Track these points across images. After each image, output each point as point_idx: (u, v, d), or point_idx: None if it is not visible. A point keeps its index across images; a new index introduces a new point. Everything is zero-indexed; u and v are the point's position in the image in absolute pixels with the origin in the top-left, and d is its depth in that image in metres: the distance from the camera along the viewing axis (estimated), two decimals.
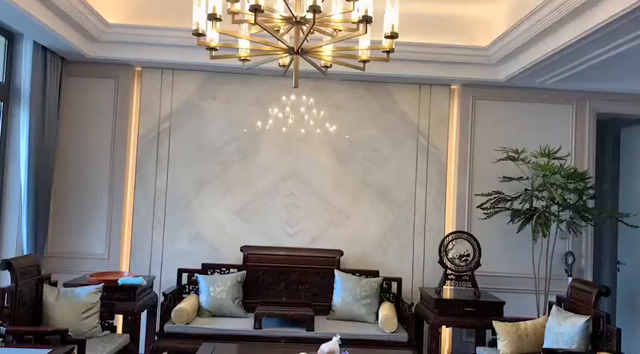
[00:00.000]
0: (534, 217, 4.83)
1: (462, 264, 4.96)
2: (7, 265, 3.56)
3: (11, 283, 3.56)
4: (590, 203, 5.16)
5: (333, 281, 5.02)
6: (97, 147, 5.30)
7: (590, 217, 4.93)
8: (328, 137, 5.41)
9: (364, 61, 3.12)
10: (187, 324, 4.51)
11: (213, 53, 2.95)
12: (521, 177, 5.06)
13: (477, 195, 5.23)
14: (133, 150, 5.37)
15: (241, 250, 5.19)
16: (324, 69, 3.33)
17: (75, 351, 3.24)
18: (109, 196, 5.27)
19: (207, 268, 5.10)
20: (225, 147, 5.40)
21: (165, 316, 4.54)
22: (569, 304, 4.02)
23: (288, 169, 5.42)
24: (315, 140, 5.42)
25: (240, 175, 5.39)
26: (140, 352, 4.68)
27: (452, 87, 5.52)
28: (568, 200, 4.95)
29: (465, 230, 5.22)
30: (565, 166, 4.96)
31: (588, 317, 3.67)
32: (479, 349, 4.23)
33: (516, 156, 5.04)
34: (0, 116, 4.76)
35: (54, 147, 5.01)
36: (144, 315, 4.76)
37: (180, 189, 5.35)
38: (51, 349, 3.04)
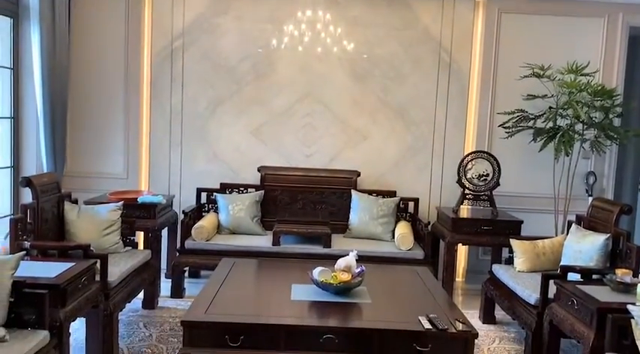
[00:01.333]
0: (557, 136, 4.70)
1: (481, 184, 4.92)
2: (28, 182, 3.58)
3: (32, 200, 3.60)
4: (617, 121, 5.00)
5: (350, 201, 5.03)
6: (110, 65, 5.21)
7: (615, 135, 4.79)
8: (345, 55, 5.21)
9: None
10: (207, 241, 4.59)
11: None
12: (546, 95, 4.88)
13: (499, 113, 5.09)
14: (147, 68, 5.26)
15: (258, 171, 5.19)
16: None
17: (97, 265, 3.32)
18: (125, 115, 5.25)
19: (226, 188, 5.14)
20: (240, 65, 5.26)
21: (186, 234, 4.62)
22: (589, 222, 3.98)
23: (305, 88, 5.29)
24: (332, 58, 5.23)
25: (255, 94, 5.29)
26: (162, 267, 4.82)
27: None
28: (593, 118, 4.79)
29: (485, 150, 5.13)
30: (592, 83, 4.76)
31: (608, 235, 3.63)
32: (495, 266, 4.25)
33: (542, 73, 4.84)
34: (11, 33, 4.67)
35: (66, 65, 4.93)
36: (164, 233, 4.86)
37: (195, 108, 5.29)
38: (74, 263, 3.11)
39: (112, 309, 3.38)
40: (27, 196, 3.95)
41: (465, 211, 4.99)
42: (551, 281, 3.42)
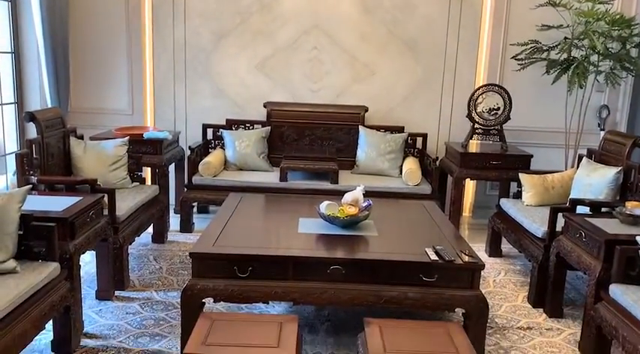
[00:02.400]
0: (572, 68, 4.56)
1: (491, 118, 4.83)
2: (31, 117, 3.54)
3: (37, 135, 3.58)
4: (634, 52, 4.83)
5: (358, 137, 4.97)
6: None
7: (631, 67, 4.63)
8: None
9: None
10: (214, 177, 4.59)
11: None
12: (561, 25, 4.69)
13: (511, 45, 4.91)
14: (148, 0, 5.09)
15: (264, 106, 5.11)
16: None
17: (105, 200, 3.33)
18: (127, 50, 5.13)
19: (232, 124, 5.08)
20: None
21: (193, 170, 4.62)
22: (600, 156, 3.92)
23: (311, 20, 5.11)
24: None
25: (259, 27, 5.13)
26: (171, 204, 4.86)
27: None
28: (610, 49, 4.63)
29: (497, 83, 5.00)
30: (610, 12, 4.56)
31: (620, 168, 3.58)
32: (502, 200, 4.23)
33: (557, 1, 4.63)
34: None
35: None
36: (172, 169, 4.86)
37: (198, 42, 5.14)
38: (82, 197, 3.12)
39: (122, 242, 3.43)
40: (32, 132, 3.92)
41: (474, 145, 4.93)
42: (560, 214, 3.40)
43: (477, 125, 4.85)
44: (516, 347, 3.05)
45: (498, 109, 4.81)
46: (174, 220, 4.71)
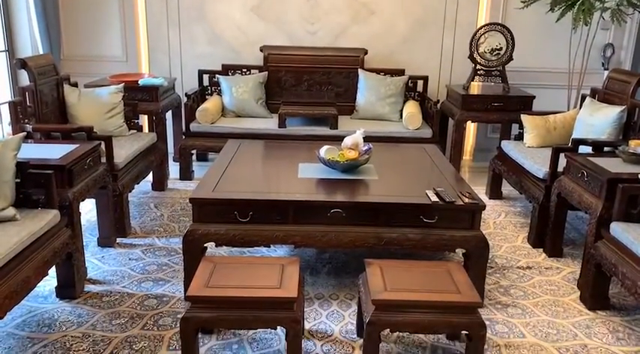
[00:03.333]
0: (577, 4, 4.41)
1: (493, 58, 4.72)
2: (23, 63, 3.46)
3: (30, 82, 3.50)
4: None
5: (357, 81, 4.88)
6: None
7: (638, 3, 4.48)
8: None
9: None
10: (212, 124, 4.53)
11: None
12: None
13: None
14: None
15: (261, 51, 4.99)
16: None
17: (102, 147, 3.29)
18: None
19: (228, 69, 4.98)
20: None
21: (190, 117, 4.55)
22: (604, 95, 3.85)
23: None
24: None
25: None
26: (170, 152, 4.82)
27: None
28: None
29: (499, 22, 4.86)
30: None
31: (624, 107, 3.52)
32: (504, 142, 4.19)
33: None
34: None
35: None
36: (169, 116, 4.79)
37: None
38: (78, 145, 3.08)
39: (121, 190, 3.42)
40: (25, 80, 3.84)
41: (475, 87, 4.85)
42: (561, 155, 3.37)
43: (478, 66, 4.75)
44: (516, 285, 3.08)
45: (501, 49, 4.70)
46: (173, 168, 4.69)
